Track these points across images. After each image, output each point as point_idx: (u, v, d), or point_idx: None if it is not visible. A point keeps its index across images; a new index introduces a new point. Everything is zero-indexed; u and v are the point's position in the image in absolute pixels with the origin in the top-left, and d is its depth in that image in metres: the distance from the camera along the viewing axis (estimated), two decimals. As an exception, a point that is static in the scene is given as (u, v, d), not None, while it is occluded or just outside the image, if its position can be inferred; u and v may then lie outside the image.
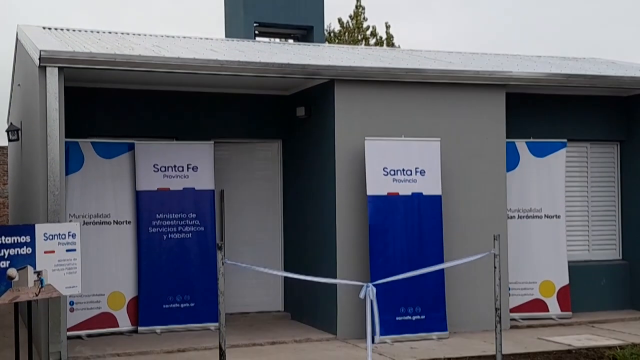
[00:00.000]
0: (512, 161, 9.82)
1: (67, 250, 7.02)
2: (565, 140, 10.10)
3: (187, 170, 9.40)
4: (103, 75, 8.69)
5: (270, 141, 10.40)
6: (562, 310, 9.91)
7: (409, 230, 8.84)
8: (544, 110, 10.38)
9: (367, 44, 25.91)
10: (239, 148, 10.33)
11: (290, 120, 10.01)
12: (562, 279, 9.94)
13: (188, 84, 9.51)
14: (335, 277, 8.65)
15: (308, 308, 9.61)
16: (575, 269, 10.22)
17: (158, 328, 9.08)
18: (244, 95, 10.03)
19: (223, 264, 6.37)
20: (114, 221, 9.10)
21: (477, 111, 9.38)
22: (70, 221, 8.27)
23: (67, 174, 8.41)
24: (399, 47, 25.09)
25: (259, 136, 10.29)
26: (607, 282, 10.55)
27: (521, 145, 9.95)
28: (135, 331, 9.04)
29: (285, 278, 10.03)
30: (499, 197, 9.43)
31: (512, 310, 9.66)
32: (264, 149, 10.45)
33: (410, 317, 8.74)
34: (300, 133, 9.85)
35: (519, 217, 9.94)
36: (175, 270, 9.28)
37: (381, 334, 8.46)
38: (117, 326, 8.99)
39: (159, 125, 9.74)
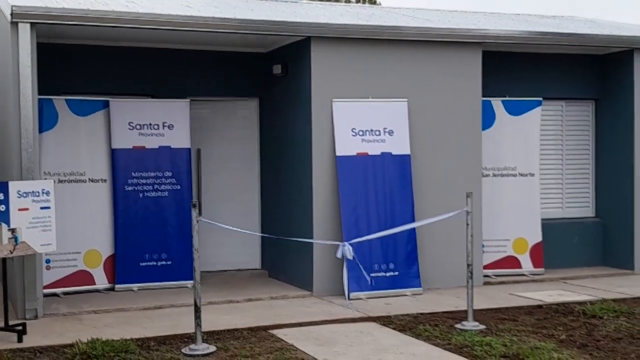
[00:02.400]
0: (488, 120, 9.87)
1: (42, 208, 7.02)
2: (540, 98, 10.15)
3: (163, 129, 9.36)
4: (77, 32, 8.57)
5: (247, 99, 10.35)
6: (534, 267, 10.08)
7: (379, 189, 8.92)
8: (521, 68, 10.40)
9: (348, 0, 25.68)
10: (216, 106, 10.28)
11: (268, 78, 9.96)
12: (535, 236, 10.09)
13: (163, 41, 9.42)
14: (311, 236, 8.72)
15: (285, 266, 9.70)
16: (549, 226, 10.37)
17: (135, 286, 9.13)
18: (220, 52, 9.95)
19: (197, 222, 6.39)
20: (89, 179, 9.07)
21: (454, 69, 9.39)
22: (45, 179, 8.25)
23: (41, 131, 8.34)
24: (379, 4, 24.88)
25: (236, 94, 10.24)
26: (579, 240, 10.72)
27: (497, 103, 10.00)
28: (112, 289, 9.09)
29: (263, 236, 10.09)
30: (474, 156, 9.50)
31: (485, 267, 9.81)
32: (241, 107, 10.41)
33: (384, 274, 8.86)
34: (277, 91, 9.82)
35: (494, 175, 10.04)
36: (152, 229, 9.30)
37: (355, 291, 8.60)
38: (94, 284, 9.03)
39: (135, 82, 9.65)
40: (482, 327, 7.15)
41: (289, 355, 6.19)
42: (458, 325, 7.22)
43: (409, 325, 7.32)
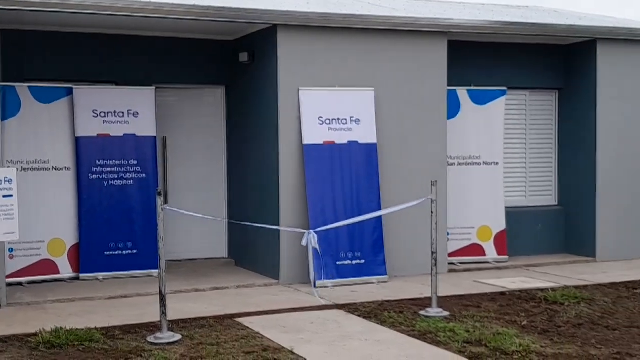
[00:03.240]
0: (453, 109, 9.96)
1: (4, 196, 6.93)
2: (505, 88, 10.27)
3: (128, 116, 9.28)
4: (39, 18, 8.44)
5: (213, 87, 10.30)
6: (498, 255, 10.22)
7: (345, 178, 8.97)
8: (486, 58, 10.50)
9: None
10: (182, 94, 10.21)
11: (234, 66, 9.91)
12: (499, 224, 10.23)
13: (128, 28, 9.31)
14: (278, 224, 8.74)
15: (252, 254, 9.71)
16: (513, 214, 10.51)
17: (100, 275, 9.07)
18: (186, 40, 9.87)
19: (162, 210, 6.37)
20: (53, 167, 8.97)
21: (419, 59, 9.45)
22: (7, 167, 8.13)
23: (3, 119, 8.24)
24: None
25: (202, 82, 10.18)
26: (542, 227, 10.89)
27: (462, 93, 10.09)
28: (77, 278, 9.02)
29: (230, 225, 10.09)
30: (440, 145, 9.59)
31: (450, 255, 9.93)
32: (207, 95, 10.36)
33: (350, 262, 8.91)
34: (244, 79, 9.79)
35: (459, 164, 10.14)
36: (117, 217, 9.24)
37: (322, 279, 8.65)
38: (59, 273, 8.95)
39: (99, 69, 9.53)
40: (446, 313, 7.24)
41: (255, 343, 6.21)
42: (422, 312, 7.30)
43: (374, 312, 7.38)
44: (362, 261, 8.96)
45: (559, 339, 6.34)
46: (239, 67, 9.79)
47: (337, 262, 8.85)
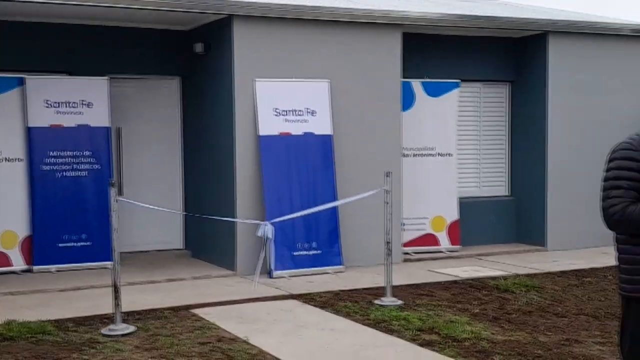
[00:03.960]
0: (408, 101, 10.07)
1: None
2: (458, 80, 10.41)
3: (81, 107, 9.17)
4: (-12, 6, 8.28)
5: (169, 77, 10.22)
6: (452, 244, 10.38)
7: (301, 169, 9.02)
8: (440, 50, 10.62)
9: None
10: (136, 84, 10.12)
11: (190, 56, 9.86)
12: (453, 215, 10.39)
13: (82, 17, 9.18)
14: (234, 215, 8.74)
15: (208, 246, 9.70)
16: (466, 204, 10.68)
17: (53, 267, 8.96)
18: (141, 29, 9.78)
19: (116, 201, 6.33)
20: (4, 158, 8.82)
21: (374, 51, 9.53)
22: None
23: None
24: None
25: (157, 72, 10.10)
26: (495, 217, 11.09)
27: (416, 85, 10.20)
28: (30, 271, 8.89)
29: (186, 216, 10.05)
30: (395, 136, 9.69)
31: (405, 245, 10.06)
32: (162, 85, 10.27)
33: (306, 253, 8.97)
34: (200, 70, 9.75)
35: (414, 155, 10.26)
36: (71, 209, 9.13)
37: (278, 269, 8.69)
38: (11, 265, 8.82)
39: (52, 59, 9.39)
40: (400, 302, 7.35)
41: (210, 334, 6.23)
42: (377, 301, 7.40)
43: (329, 302, 7.45)
44: (318, 251, 9.03)
45: (509, 326, 6.49)
46: (194, 58, 9.74)
47: (294, 253, 8.89)
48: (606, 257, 9.31)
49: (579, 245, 10.61)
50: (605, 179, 3.27)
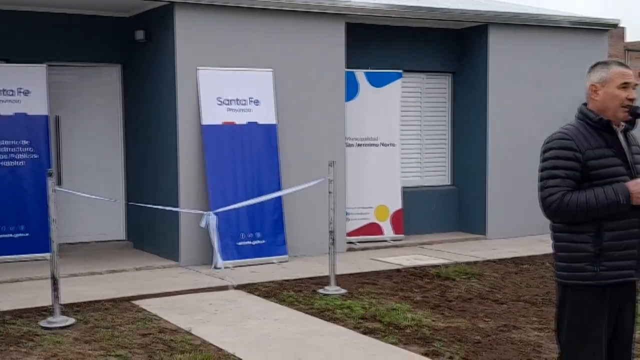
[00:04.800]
0: (352, 91, 10.11)
1: None
2: (401, 71, 10.50)
3: (18, 95, 8.92)
4: None
5: (109, 65, 10.02)
6: (395, 233, 10.49)
7: (245, 159, 8.98)
8: (383, 40, 10.69)
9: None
10: (76, 72, 9.89)
11: (131, 44, 9.69)
12: (396, 204, 10.50)
13: (20, 3, 8.93)
14: (177, 206, 8.65)
15: (151, 236, 9.58)
16: (409, 194, 10.81)
17: (-10, 259, 8.74)
18: (80, 16, 9.55)
19: (54, 191, 6.19)
20: (-63, 148, 8.56)
21: (318, 41, 9.53)
22: None
23: None
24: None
25: (97, 60, 9.89)
26: (437, 206, 11.24)
27: (360, 75, 10.24)
28: (-35, 263, 8.66)
29: (128, 206, 9.90)
30: (338, 126, 9.73)
31: (349, 234, 10.12)
32: (102, 73, 10.07)
33: (250, 243, 8.94)
34: (141, 58, 9.59)
35: (358, 145, 10.32)
36: (8, 200, 8.89)
37: (222, 260, 8.64)
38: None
39: (-13, 46, 9.12)
40: (343, 291, 7.40)
41: (152, 325, 6.17)
42: (321, 290, 7.43)
43: (273, 291, 7.45)
44: (263, 241, 9.01)
45: (449, 313, 6.61)
46: (135, 46, 9.58)
47: (238, 243, 8.86)
48: (544, 244, 9.53)
49: (518, 234, 10.84)
50: (542, 169, 3.35)
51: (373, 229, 10.41)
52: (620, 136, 3.36)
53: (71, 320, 6.21)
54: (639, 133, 3.59)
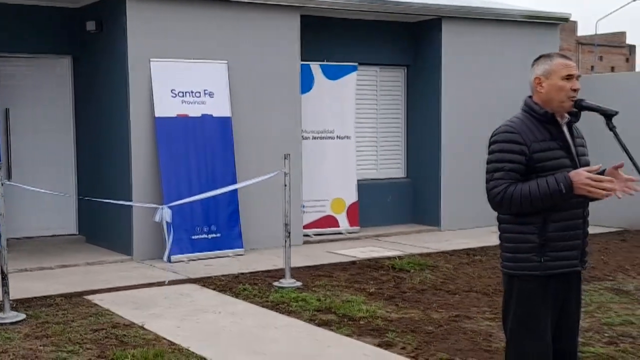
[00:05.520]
0: (307, 83, 10.11)
1: None
2: (356, 64, 10.54)
3: (-35, 87, 8.72)
4: None
5: (60, 56, 9.84)
6: (351, 226, 10.55)
7: (200, 152, 8.92)
8: (339, 33, 10.69)
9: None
10: (25, 63, 9.69)
11: (82, 35, 9.53)
12: (352, 196, 10.55)
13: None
14: (130, 199, 8.56)
15: (103, 231, 9.45)
16: (364, 186, 10.86)
17: (-64, 255, 8.52)
18: (30, 6, 9.35)
19: (2, 184, 6.07)
20: None
21: (272, 33, 9.50)
22: None
23: None
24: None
25: (47, 51, 9.69)
26: (392, 199, 11.33)
27: (315, 68, 10.25)
28: None
29: (80, 200, 9.76)
30: (294, 119, 9.72)
31: (305, 227, 10.13)
32: (53, 65, 9.88)
33: (205, 236, 8.90)
34: (92, 49, 9.44)
35: (314, 137, 10.33)
36: (-45, 194, 8.68)
37: (177, 254, 8.57)
38: None
39: None
40: (299, 284, 7.41)
41: (104, 320, 6.10)
42: (276, 283, 7.43)
43: (229, 285, 7.43)
44: (218, 235, 8.97)
45: (403, 304, 6.67)
46: (86, 36, 9.43)
47: (192, 237, 8.80)
48: (495, 236, 9.54)
49: (471, 225, 10.97)
50: (488, 162, 3.40)
51: (329, 221, 10.44)
52: (565, 129, 3.43)
53: (22, 316, 6.10)
54: (587, 126, 3.67)
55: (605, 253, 9.03)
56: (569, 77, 3.36)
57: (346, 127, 10.48)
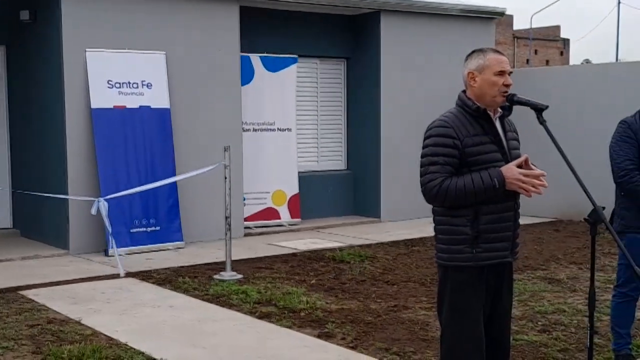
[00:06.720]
0: (247, 75, 10.07)
1: None
2: (296, 56, 10.54)
3: None
4: None
5: (-8, 47, 9.60)
6: (292, 218, 10.57)
7: (138, 144, 8.80)
8: (279, 25, 10.68)
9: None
10: (-46, 53, 9.41)
11: (15, 24, 9.27)
12: (293, 188, 10.57)
13: None
14: (66, 192, 8.40)
15: (39, 224, 9.25)
16: (305, 178, 10.90)
17: None
18: (-42, -6, 9.09)
19: None
20: None
21: (211, 24, 9.43)
22: None
23: None
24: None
25: (-22, 40, 9.45)
26: (333, 191, 11.40)
27: (255, 59, 10.22)
28: None
29: (15, 193, 9.53)
30: (234, 110, 9.68)
31: (247, 219, 10.12)
32: (-15, 54, 9.63)
33: (145, 229, 8.80)
34: (26, 38, 9.21)
35: (254, 130, 10.31)
36: None
37: (114, 247, 8.44)
38: None
39: None
40: (239, 276, 7.41)
41: (40, 316, 5.98)
42: (217, 276, 7.41)
43: (168, 278, 7.38)
44: (157, 228, 8.88)
45: (343, 295, 6.74)
46: (20, 26, 9.18)
47: (131, 230, 8.69)
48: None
49: (410, 216, 11.12)
50: (422, 155, 3.46)
51: (270, 213, 10.45)
52: (497, 123, 3.52)
53: (-48, 314, 5.95)
54: (521, 120, 3.76)
55: (539, 243, 9.28)
56: (501, 73, 3.44)
57: (287, 119, 10.49)
